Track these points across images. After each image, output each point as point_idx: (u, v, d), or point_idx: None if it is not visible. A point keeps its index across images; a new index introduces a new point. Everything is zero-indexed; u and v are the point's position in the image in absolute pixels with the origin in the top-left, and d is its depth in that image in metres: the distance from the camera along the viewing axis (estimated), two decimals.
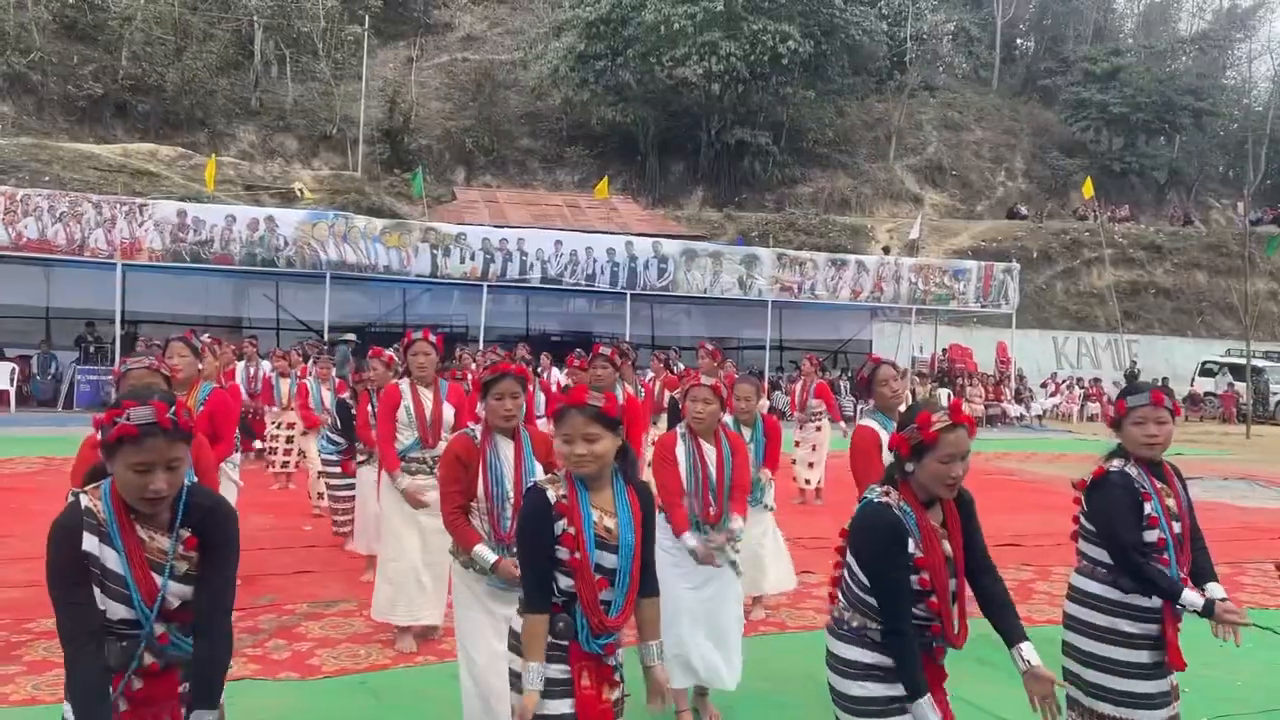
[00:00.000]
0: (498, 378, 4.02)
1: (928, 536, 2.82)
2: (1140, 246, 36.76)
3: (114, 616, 2.32)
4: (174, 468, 2.31)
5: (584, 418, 2.81)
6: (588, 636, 2.78)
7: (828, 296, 23.79)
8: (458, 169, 37.32)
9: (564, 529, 2.78)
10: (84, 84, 32.47)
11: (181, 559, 2.37)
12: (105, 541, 2.31)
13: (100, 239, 18.40)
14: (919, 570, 2.79)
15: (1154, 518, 3.33)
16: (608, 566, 2.79)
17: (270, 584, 6.81)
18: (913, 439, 2.82)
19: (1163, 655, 3.34)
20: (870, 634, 2.86)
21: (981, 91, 49.88)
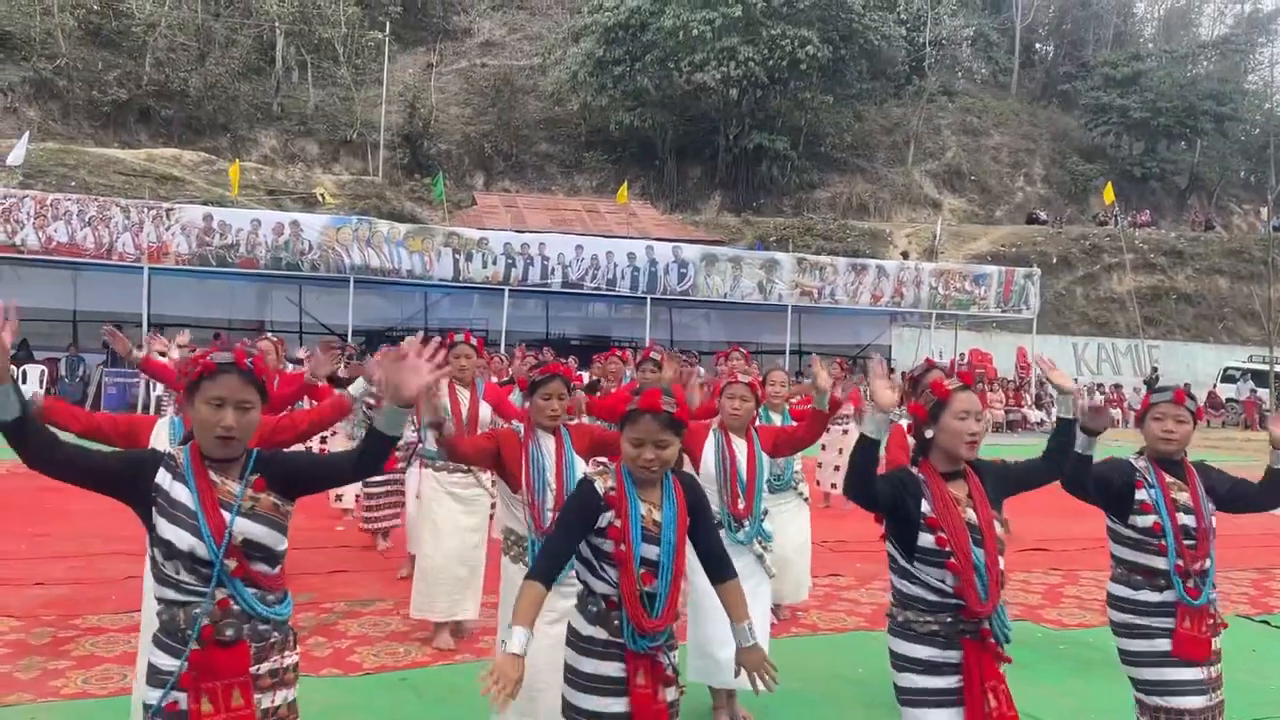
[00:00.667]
0: (547, 379, 4.13)
1: (944, 500, 2.89)
2: (1161, 252, 36.58)
3: (183, 546, 2.42)
4: (245, 409, 2.50)
5: (658, 424, 2.83)
6: (633, 635, 2.78)
7: (848, 301, 23.78)
8: (477, 174, 37.52)
9: (611, 521, 2.81)
10: (109, 89, 32.83)
11: (250, 498, 2.51)
12: (179, 480, 2.49)
13: (128, 243, 18.60)
14: (933, 530, 2.85)
15: (1146, 504, 3.44)
16: (652, 559, 2.81)
17: (307, 583, 6.90)
18: (928, 401, 2.97)
19: None
20: (915, 627, 2.90)
21: (1000, 96, 49.77)
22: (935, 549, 2.85)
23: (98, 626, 5.74)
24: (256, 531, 2.49)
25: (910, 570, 2.91)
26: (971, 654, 2.85)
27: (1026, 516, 10.92)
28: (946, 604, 2.87)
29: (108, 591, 6.36)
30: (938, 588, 2.87)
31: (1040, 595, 7.41)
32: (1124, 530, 3.52)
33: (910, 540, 2.89)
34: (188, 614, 2.43)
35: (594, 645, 2.83)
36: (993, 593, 2.87)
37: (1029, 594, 7.44)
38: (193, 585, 2.44)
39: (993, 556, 2.89)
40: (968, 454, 2.96)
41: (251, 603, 2.47)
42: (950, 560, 2.84)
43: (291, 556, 7.29)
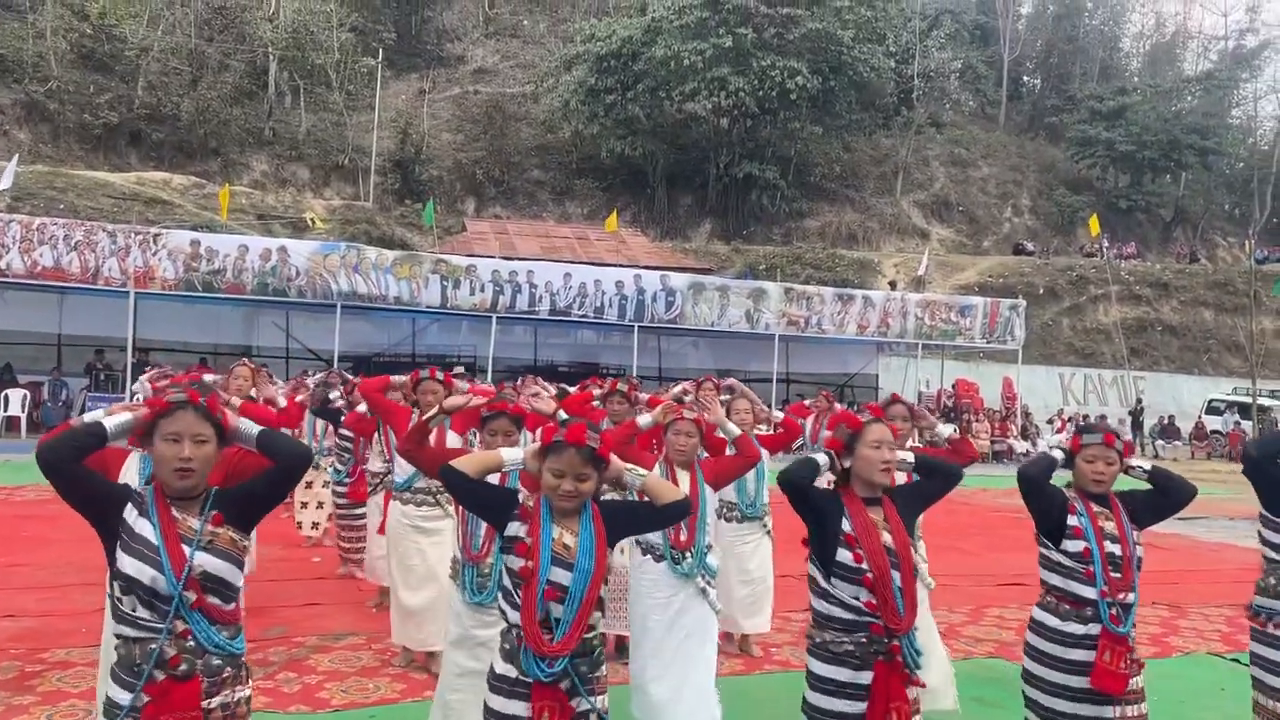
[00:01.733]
0: (494, 415, 4.20)
1: (863, 522, 3.08)
2: (1146, 283, 36.85)
3: (144, 579, 2.51)
4: (200, 442, 2.62)
5: (581, 458, 2.87)
6: (529, 658, 2.77)
7: (834, 331, 23.88)
8: (468, 200, 37.67)
9: (519, 534, 2.85)
10: (100, 113, 32.91)
11: (209, 533, 2.60)
12: (143, 515, 2.59)
13: (114, 267, 18.59)
14: (851, 546, 3.04)
15: (1078, 528, 3.53)
16: (561, 583, 2.80)
17: (280, 615, 6.88)
18: (842, 435, 3.19)
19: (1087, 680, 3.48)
20: (831, 647, 3.07)
21: (988, 128, 50.24)
22: (853, 565, 3.04)
23: (65, 660, 5.70)
24: (215, 565, 2.58)
25: (828, 589, 3.09)
26: (880, 674, 3.02)
27: (1004, 550, 10.98)
28: (861, 622, 3.04)
29: (78, 624, 6.32)
30: (854, 605, 3.05)
31: (1014, 631, 7.41)
32: (1055, 555, 3.59)
33: (829, 557, 3.07)
34: (144, 649, 2.51)
35: (503, 683, 2.85)
36: (908, 612, 3.04)
37: (1003, 630, 7.44)
38: (150, 621, 2.52)
39: (908, 579, 3.08)
40: (882, 479, 3.17)
41: (208, 634, 2.55)
42: (866, 575, 3.01)
43: (265, 589, 7.30)
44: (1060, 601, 3.56)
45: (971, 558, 10.18)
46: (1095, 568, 3.47)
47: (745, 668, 6.22)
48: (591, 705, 2.85)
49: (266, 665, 5.78)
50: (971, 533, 11.56)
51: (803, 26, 35.05)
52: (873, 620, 3.01)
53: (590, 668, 2.87)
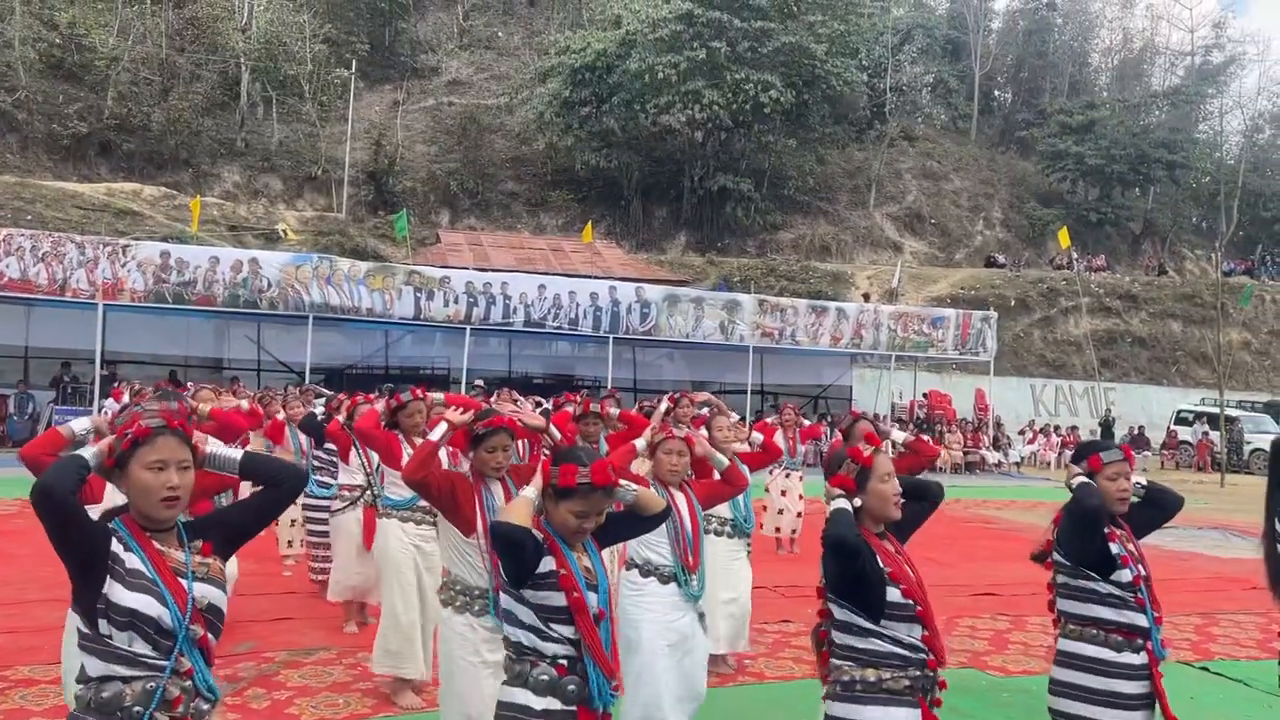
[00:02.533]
0: (492, 432, 4.07)
1: (892, 558, 2.97)
2: (1116, 296, 37.28)
3: (150, 612, 2.36)
4: (184, 469, 2.49)
5: (608, 497, 2.84)
6: (601, 687, 2.71)
7: (808, 342, 23.98)
8: (442, 211, 37.56)
9: (555, 569, 2.74)
10: (69, 123, 32.58)
11: (201, 564, 2.51)
12: (129, 550, 2.44)
13: (82, 279, 18.38)
14: (895, 583, 2.89)
15: (1126, 557, 3.38)
16: (597, 606, 2.77)
17: (250, 631, 6.79)
18: (852, 471, 3.01)
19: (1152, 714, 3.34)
20: (888, 685, 2.88)
21: (960, 141, 50.73)
22: (904, 602, 2.89)
23: (29, 678, 5.59)
24: (215, 595, 2.50)
25: (877, 630, 2.89)
26: (926, 713, 2.90)
27: (977, 561, 11.04)
28: (916, 659, 2.90)
29: (42, 640, 6.19)
30: (909, 643, 2.89)
31: (986, 641, 7.44)
32: (1103, 588, 3.38)
33: (875, 597, 2.88)
34: (137, 690, 2.34)
35: (546, 718, 2.72)
36: (942, 644, 2.99)
37: (975, 640, 7.47)
38: (150, 658, 2.36)
39: (929, 609, 2.97)
40: (895, 514, 3.03)
41: (204, 677, 2.46)
42: (920, 609, 2.90)
43: (235, 604, 7.18)
44: (1110, 633, 3.36)
45: (945, 568, 10.21)
46: (1145, 595, 3.36)
47: (720, 681, 6.20)
48: None
49: (235, 681, 5.70)
50: (944, 544, 11.60)
51: (776, 40, 35.30)
52: (927, 655, 2.91)
53: None
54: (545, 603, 2.73)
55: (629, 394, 23.97)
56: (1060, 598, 3.52)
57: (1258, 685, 6.25)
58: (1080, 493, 3.36)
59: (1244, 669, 6.80)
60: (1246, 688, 6.41)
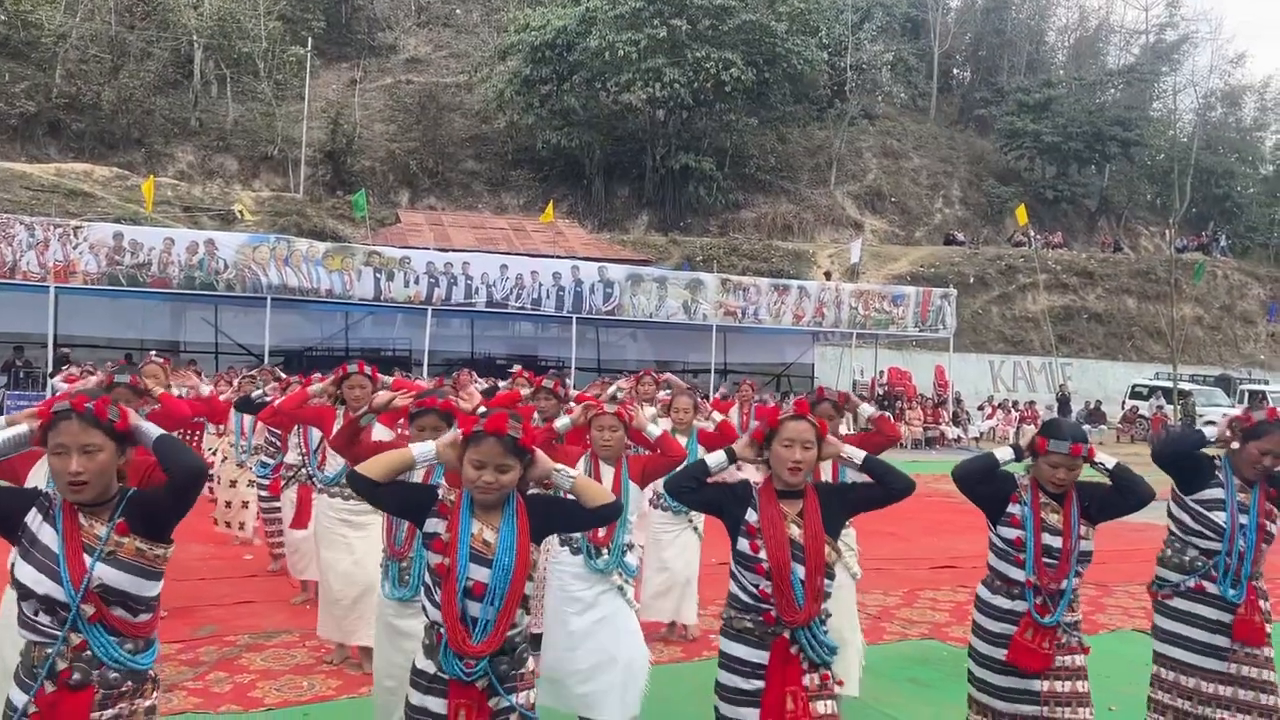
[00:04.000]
0: (423, 412, 4.07)
1: (770, 514, 3.17)
2: (1073, 272, 37.78)
3: (39, 590, 2.41)
4: (89, 453, 2.46)
5: (502, 448, 2.77)
6: (448, 655, 2.71)
7: (771, 321, 24.07)
8: (401, 191, 37.15)
9: (437, 532, 2.78)
10: (15, 102, 31.76)
11: (113, 543, 2.48)
12: (47, 520, 2.47)
13: (32, 261, 17.98)
14: (750, 536, 3.15)
15: (1015, 518, 3.63)
16: (479, 580, 2.73)
17: (210, 615, 6.73)
18: (764, 429, 3.28)
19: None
20: (733, 624, 3.21)
21: (920, 120, 50.99)
22: (750, 554, 3.15)
23: None
24: (116, 578, 2.46)
25: (733, 571, 3.22)
26: (777, 655, 3.10)
27: (938, 534, 11.18)
28: (758, 606, 3.14)
29: None
30: (750, 590, 3.15)
31: (947, 613, 7.56)
32: (993, 538, 3.74)
33: (732, 544, 3.21)
34: (40, 653, 2.43)
35: (422, 679, 2.80)
36: (808, 604, 3.10)
37: (936, 611, 7.58)
38: (49, 628, 2.44)
39: (812, 573, 3.12)
40: (791, 479, 3.20)
41: (107, 649, 2.45)
42: (761, 564, 3.10)
43: (196, 587, 7.14)
44: (995, 578, 3.73)
45: (905, 542, 10.34)
46: (1027, 556, 3.58)
47: (685, 655, 6.25)
48: (512, 704, 2.77)
49: (197, 665, 5.66)
50: (905, 518, 11.72)
51: (736, 18, 35.18)
52: (766, 608, 3.11)
53: (511, 665, 2.79)
54: (430, 562, 2.80)
55: (592, 374, 23.96)
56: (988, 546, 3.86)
57: None
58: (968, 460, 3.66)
59: None
60: None
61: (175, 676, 5.36)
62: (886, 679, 5.75)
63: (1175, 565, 4.04)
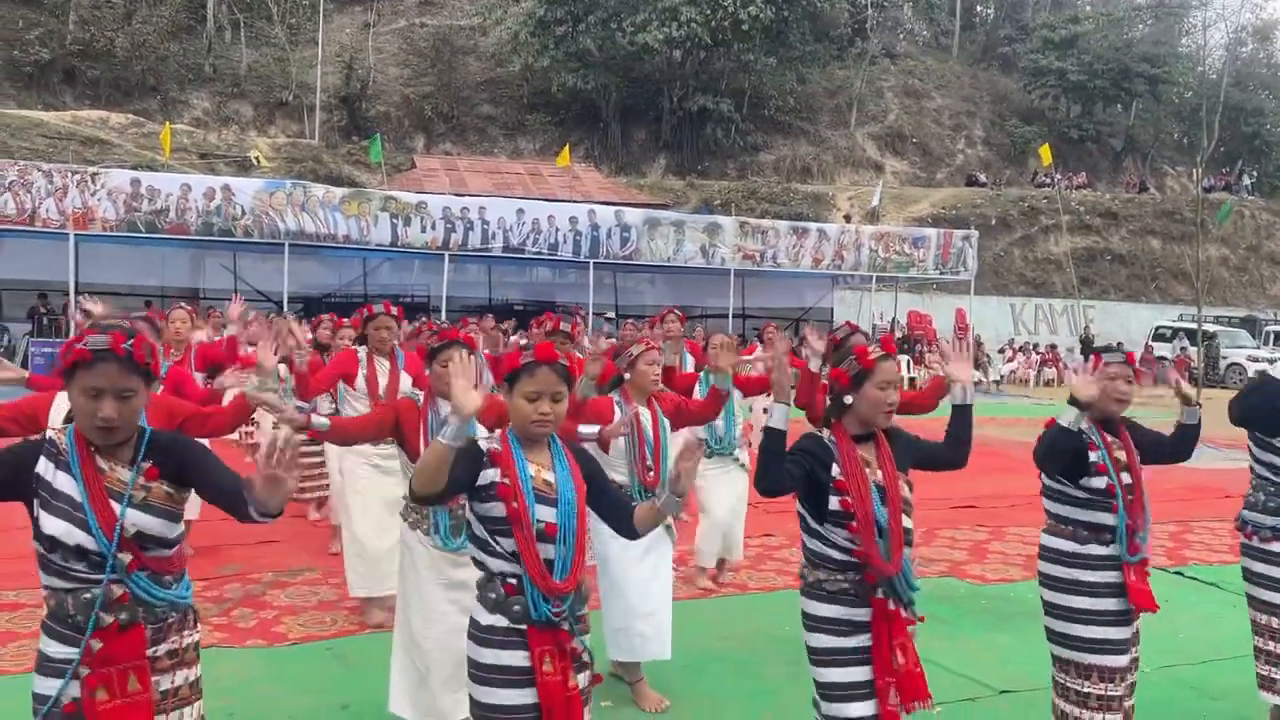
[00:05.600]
0: (445, 345, 4.01)
1: (852, 463, 2.96)
2: (1097, 213, 37.24)
3: (70, 541, 2.30)
4: (126, 398, 2.33)
5: (556, 376, 2.71)
6: (536, 599, 2.62)
7: (789, 265, 23.90)
8: (417, 136, 36.92)
9: (496, 479, 2.64)
10: (30, 49, 31.66)
11: (141, 488, 2.37)
12: (62, 469, 2.34)
13: (51, 208, 18.03)
14: (840, 493, 2.93)
15: (1101, 465, 3.48)
16: (549, 520, 2.66)
17: (235, 554, 6.83)
18: (852, 369, 3.00)
19: (1125, 601, 3.47)
20: (825, 586, 2.98)
21: (942, 59, 50.04)
22: (841, 511, 2.93)
23: (15, 602, 5.62)
24: (149, 523, 2.37)
25: (820, 531, 2.99)
26: (880, 611, 2.93)
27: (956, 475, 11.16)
28: (853, 563, 2.95)
29: (25, 566, 6.16)
30: (845, 547, 2.95)
31: (966, 551, 7.57)
32: (1074, 491, 3.53)
33: (821, 503, 2.96)
34: (78, 599, 2.32)
35: (494, 634, 2.65)
36: (895, 553, 2.94)
37: (955, 550, 7.59)
38: (83, 572, 2.33)
39: (896, 517, 2.96)
40: (884, 422, 3.05)
41: (148, 589, 2.38)
42: (852, 523, 2.92)
43: (219, 527, 7.21)
44: (1080, 529, 3.52)
45: (924, 483, 10.30)
46: (1118, 501, 3.46)
47: (702, 592, 6.29)
48: (585, 644, 2.75)
49: (221, 602, 5.75)
50: None
51: None
52: (863, 566, 2.94)
53: (579, 604, 2.75)
54: (488, 514, 2.66)
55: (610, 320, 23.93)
56: (1045, 498, 3.67)
57: (1228, 588, 6.38)
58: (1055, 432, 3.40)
59: (1215, 573, 6.96)
60: (1218, 590, 6.56)
61: (201, 612, 5.39)
62: None
63: (1263, 508, 4.06)
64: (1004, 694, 4.70)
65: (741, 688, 4.72)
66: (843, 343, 5.06)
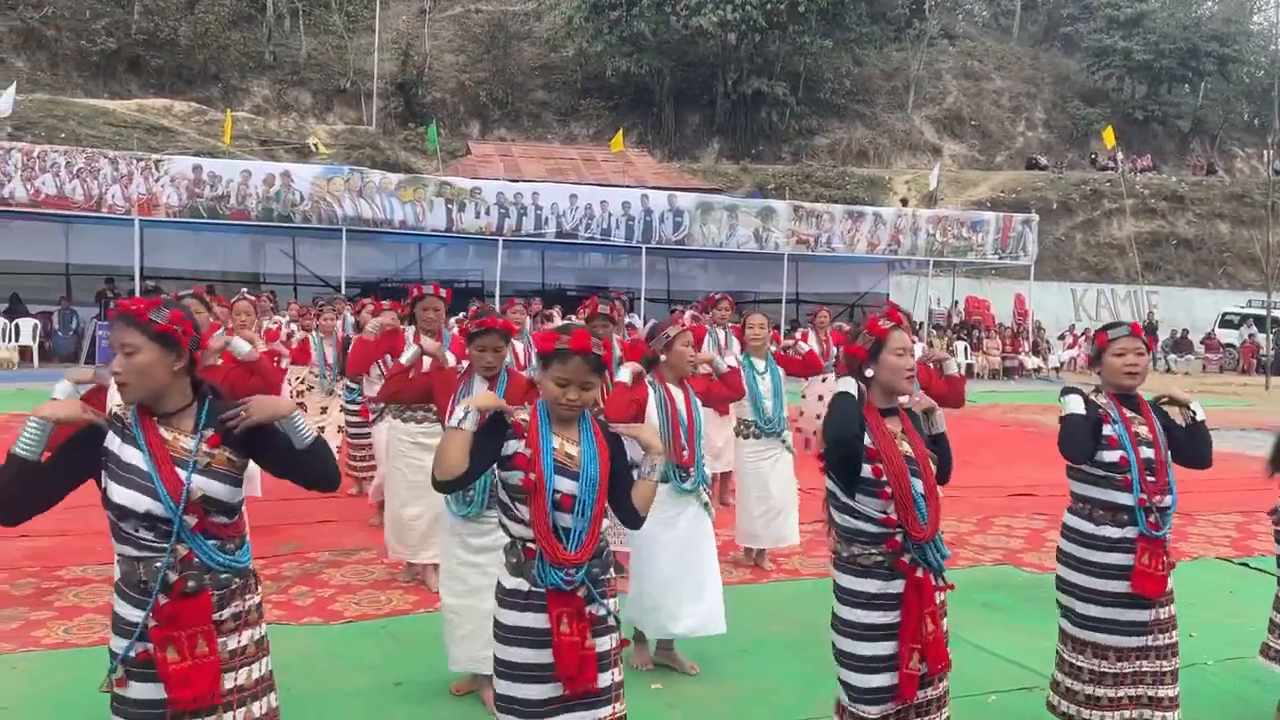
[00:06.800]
0: (483, 331, 4.21)
1: (881, 434, 3.03)
2: (1162, 197, 36.28)
3: (139, 509, 2.42)
4: (127, 353, 2.46)
5: (588, 365, 2.81)
6: (542, 567, 2.73)
7: (844, 249, 23.64)
8: (472, 122, 37.14)
9: (517, 449, 2.78)
10: (97, 39, 32.37)
11: (205, 455, 2.50)
12: (128, 441, 2.48)
13: (117, 195, 18.45)
14: (872, 460, 2.98)
15: (1112, 438, 3.47)
16: (567, 491, 2.76)
17: (292, 533, 6.96)
18: (867, 341, 3.13)
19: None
20: (860, 560, 3.03)
21: (1002, 39, 49.06)
22: (873, 479, 2.98)
23: (82, 577, 5.79)
24: (214, 488, 2.49)
25: (851, 505, 3.04)
26: (911, 582, 2.99)
27: (1014, 463, 10.99)
28: (887, 533, 3.00)
29: (93, 542, 6.37)
30: (877, 518, 3.00)
31: (1023, 540, 7.45)
32: (1088, 468, 3.53)
33: (850, 473, 3.01)
34: (148, 567, 2.44)
35: (516, 597, 2.79)
36: (932, 519, 3.02)
37: (1011, 538, 7.48)
38: (151, 541, 2.45)
39: (930, 486, 3.06)
40: (907, 388, 3.13)
41: (211, 554, 2.49)
42: (884, 489, 2.97)
43: (278, 507, 7.35)
44: (1094, 508, 3.53)
45: (981, 470, 10.18)
46: (1132, 475, 3.43)
47: (754, 577, 6.28)
48: (606, 609, 2.84)
49: (280, 580, 5.86)
50: (982, 447, 11.57)
51: None
52: (892, 533, 2.99)
53: (601, 569, 2.85)
54: (510, 481, 2.79)
55: (662, 305, 23.91)
56: (1067, 475, 3.69)
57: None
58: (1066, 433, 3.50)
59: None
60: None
61: None
62: (960, 604, 5.64)
63: None
64: None
65: (794, 672, 4.70)
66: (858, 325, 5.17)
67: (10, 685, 4.30)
